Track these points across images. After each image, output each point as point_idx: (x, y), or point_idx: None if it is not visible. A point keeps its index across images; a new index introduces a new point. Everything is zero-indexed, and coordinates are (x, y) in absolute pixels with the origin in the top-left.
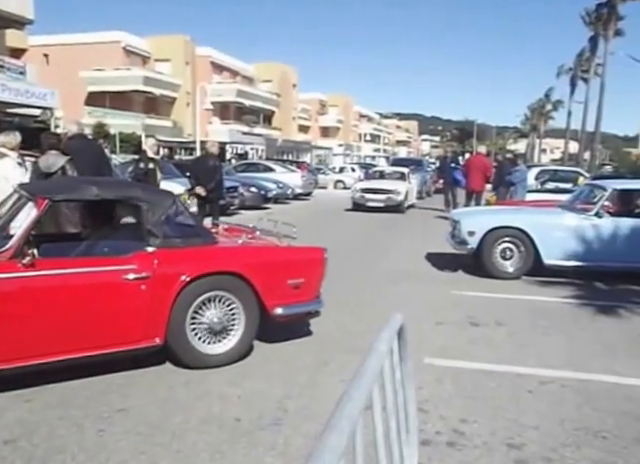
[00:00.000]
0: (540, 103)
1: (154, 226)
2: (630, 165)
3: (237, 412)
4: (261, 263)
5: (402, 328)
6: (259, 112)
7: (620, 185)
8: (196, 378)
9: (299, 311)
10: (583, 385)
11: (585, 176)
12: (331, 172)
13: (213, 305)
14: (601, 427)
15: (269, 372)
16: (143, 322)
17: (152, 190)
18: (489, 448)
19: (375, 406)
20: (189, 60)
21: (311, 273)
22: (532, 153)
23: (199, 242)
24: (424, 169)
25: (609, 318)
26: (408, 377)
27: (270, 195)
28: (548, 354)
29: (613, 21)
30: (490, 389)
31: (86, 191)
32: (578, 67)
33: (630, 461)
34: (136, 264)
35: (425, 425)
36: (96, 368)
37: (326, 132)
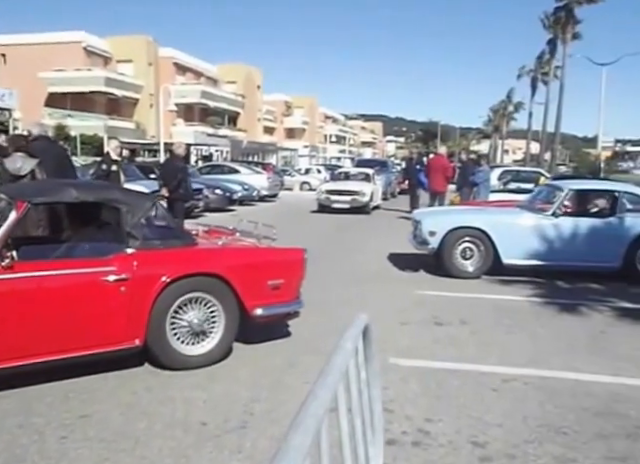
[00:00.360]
0: (502, 104)
1: (133, 228)
2: (589, 165)
3: (203, 416)
4: (241, 264)
5: (367, 328)
6: (224, 114)
7: (576, 185)
8: (160, 383)
9: (279, 312)
10: (545, 382)
11: (546, 176)
12: (297, 174)
13: (193, 306)
14: (562, 423)
15: (235, 375)
16: (123, 323)
17: (131, 192)
18: (454, 447)
19: (340, 405)
20: (152, 61)
21: (291, 274)
22: (495, 154)
23: (179, 244)
24: (389, 170)
25: (570, 316)
26: (374, 377)
27: (235, 197)
28: (511, 352)
29: (571, 24)
30: (455, 388)
31: (65, 193)
32: (538, 69)
33: (590, 456)
34: (115, 266)
35: (391, 425)
36: (56, 374)
37: (291, 133)
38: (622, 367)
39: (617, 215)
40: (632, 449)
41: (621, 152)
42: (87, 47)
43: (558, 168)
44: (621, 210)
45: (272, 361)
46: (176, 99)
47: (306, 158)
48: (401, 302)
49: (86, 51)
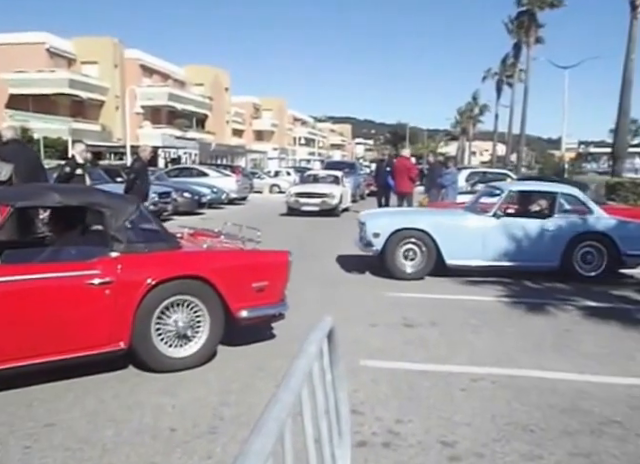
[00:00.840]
0: (469, 107)
1: (117, 231)
2: (553, 166)
3: (172, 422)
4: (225, 267)
5: (332, 331)
6: (192, 116)
7: (516, 186)
8: (128, 389)
9: (264, 314)
10: (512, 381)
11: (512, 177)
12: (266, 176)
13: (178, 309)
14: (529, 421)
15: (204, 380)
16: (107, 326)
17: (115, 196)
18: (423, 447)
19: (305, 408)
20: (117, 63)
21: (275, 276)
22: (462, 155)
23: (163, 247)
24: (357, 172)
25: (537, 315)
26: (340, 379)
27: (204, 200)
28: (480, 352)
29: (533, 28)
30: (424, 389)
31: (48, 197)
32: (503, 72)
33: (555, 452)
34: (100, 269)
35: (361, 427)
36: (19, 381)
37: (260, 136)
38: (586, 364)
39: (555, 215)
40: (596, 445)
41: (585, 153)
42: (50, 48)
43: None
44: (559, 210)
45: (241, 365)
46: (143, 101)
47: (275, 160)
48: (371, 304)
49: (49, 52)
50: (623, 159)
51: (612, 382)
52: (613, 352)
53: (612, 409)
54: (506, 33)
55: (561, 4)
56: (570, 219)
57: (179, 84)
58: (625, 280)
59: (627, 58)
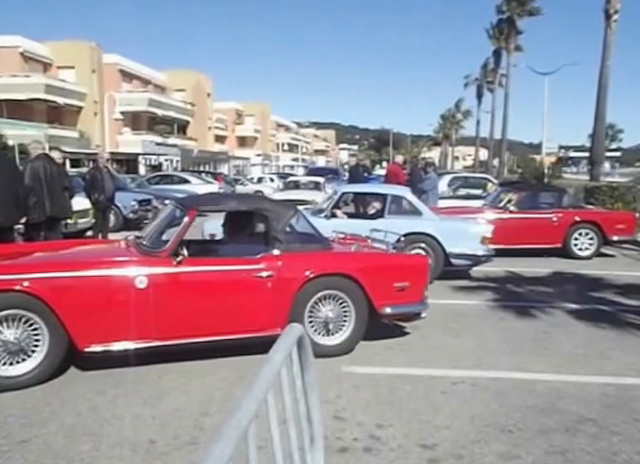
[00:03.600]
0: (451, 112)
1: (279, 233)
2: (534, 170)
3: (151, 433)
4: (370, 267)
5: (302, 338)
6: (173, 122)
7: (348, 189)
8: (106, 402)
9: (405, 311)
10: (492, 383)
11: (493, 182)
12: (249, 182)
13: (328, 302)
14: (507, 422)
15: (185, 389)
16: (268, 314)
17: (277, 203)
18: (404, 450)
19: (271, 415)
20: (95, 67)
21: (416, 277)
22: (445, 160)
23: (317, 247)
24: (340, 178)
25: (516, 318)
26: (311, 385)
27: None
28: (460, 355)
29: (513, 35)
30: (405, 393)
31: (227, 203)
32: (484, 78)
33: (532, 452)
34: (264, 264)
35: (343, 433)
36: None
37: (243, 142)
38: (563, 365)
39: (386, 216)
40: (571, 443)
41: (565, 158)
42: (25, 52)
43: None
44: (390, 212)
45: (224, 374)
46: (122, 107)
47: (259, 167)
48: None
49: (23, 56)
50: (601, 163)
51: (587, 381)
52: (589, 352)
53: (587, 408)
54: (487, 40)
55: (539, 12)
56: (400, 220)
57: (160, 89)
58: (599, 282)
59: (603, 65)
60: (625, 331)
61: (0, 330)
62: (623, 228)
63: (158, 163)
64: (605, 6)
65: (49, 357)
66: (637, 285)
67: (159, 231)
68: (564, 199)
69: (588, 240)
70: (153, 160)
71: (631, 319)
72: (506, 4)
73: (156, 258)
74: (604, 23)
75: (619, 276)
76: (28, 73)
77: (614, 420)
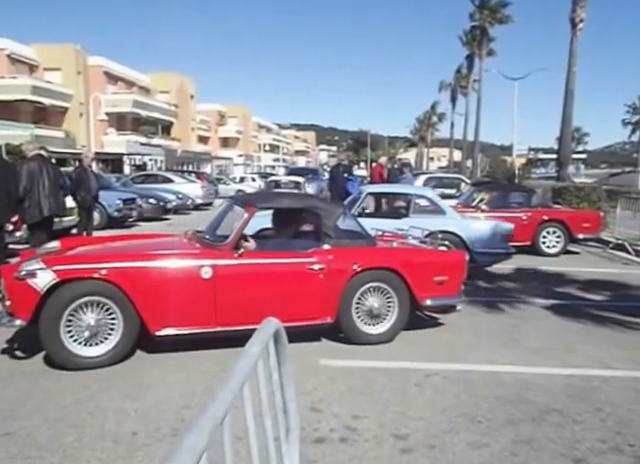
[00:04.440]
0: (427, 115)
1: (329, 229)
2: (505, 171)
3: (134, 426)
4: (412, 262)
5: (278, 331)
6: (157, 123)
7: (372, 189)
8: (89, 395)
9: (444, 303)
10: (463, 375)
11: (466, 182)
12: (232, 182)
13: (373, 294)
14: (477, 412)
15: (168, 383)
16: (320, 303)
17: (327, 201)
18: (378, 441)
19: (246, 407)
20: (81, 69)
21: (454, 272)
22: (421, 161)
23: (363, 243)
24: (320, 178)
25: (487, 313)
26: (287, 378)
27: (170, 206)
28: (434, 348)
29: (485, 42)
30: (380, 385)
31: (282, 201)
32: (458, 82)
33: (500, 441)
34: (315, 258)
35: (319, 424)
36: None
37: (226, 142)
38: (531, 357)
39: (411, 216)
40: (536, 432)
41: (534, 159)
42: (11, 54)
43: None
44: (414, 211)
45: (206, 367)
46: (107, 108)
47: (241, 167)
48: None
49: (10, 58)
50: (568, 165)
51: (553, 373)
52: (555, 345)
53: (552, 398)
54: (461, 46)
55: (510, 20)
56: (424, 219)
57: (144, 91)
58: (566, 278)
59: (569, 71)
60: (589, 325)
61: (81, 315)
62: (588, 227)
63: (142, 163)
64: (571, 15)
65: (123, 341)
66: (601, 281)
67: (219, 226)
68: (533, 199)
69: (555, 238)
70: (137, 160)
71: (595, 313)
72: (478, 12)
73: (219, 251)
74: (570, 31)
75: (584, 272)
76: (15, 75)
77: (577, 410)
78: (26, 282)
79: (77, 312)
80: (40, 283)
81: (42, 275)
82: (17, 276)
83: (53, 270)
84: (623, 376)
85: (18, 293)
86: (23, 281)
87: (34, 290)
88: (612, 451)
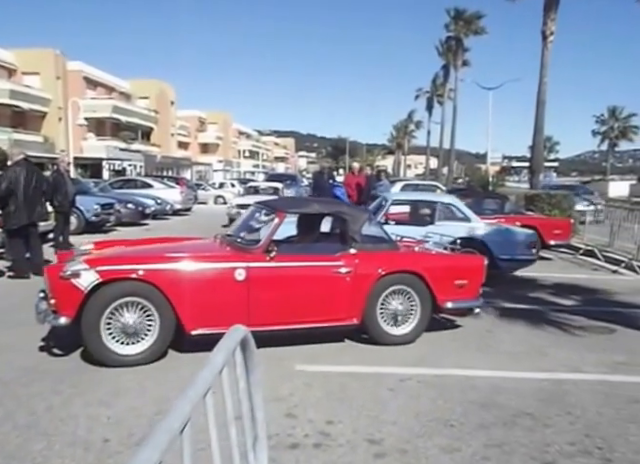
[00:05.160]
0: (404, 123)
1: (355, 234)
2: (479, 179)
3: (106, 432)
4: (434, 266)
5: (246, 338)
6: (137, 128)
7: (398, 196)
8: (62, 401)
9: (464, 306)
10: (437, 380)
11: (442, 189)
12: (211, 188)
13: (397, 297)
14: (450, 416)
15: (144, 388)
16: (347, 305)
17: (353, 207)
18: (352, 446)
19: (210, 417)
20: (60, 74)
21: (474, 276)
22: (398, 168)
23: (387, 248)
24: (298, 184)
25: (462, 318)
26: (256, 386)
27: (148, 211)
28: (407, 353)
29: (460, 52)
30: (355, 390)
31: (310, 207)
32: (434, 91)
33: (472, 444)
34: (342, 261)
35: (294, 429)
36: None
37: (206, 148)
38: (504, 362)
39: (436, 223)
40: (507, 436)
41: (508, 167)
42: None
43: (456, 181)
44: (439, 218)
45: (180, 372)
46: (87, 113)
47: (220, 173)
48: None
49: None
50: (540, 173)
51: (525, 377)
52: (527, 349)
53: (524, 402)
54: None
55: (484, 32)
56: (449, 226)
57: (124, 97)
58: (538, 283)
59: (540, 82)
60: (560, 329)
61: (121, 314)
62: (560, 233)
63: (122, 168)
64: (542, 28)
65: (159, 341)
66: (571, 286)
67: (247, 230)
68: (506, 206)
69: None
70: (117, 165)
71: (566, 317)
72: (453, 23)
73: (251, 254)
74: (541, 44)
75: (556, 278)
76: None
77: (548, 413)
78: (71, 282)
79: (117, 311)
80: (84, 283)
81: (86, 275)
82: (62, 276)
83: (96, 270)
84: (592, 379)
85: (63, 292)
86: (68, 281)
87: (78, 289)
88: (581, 454)
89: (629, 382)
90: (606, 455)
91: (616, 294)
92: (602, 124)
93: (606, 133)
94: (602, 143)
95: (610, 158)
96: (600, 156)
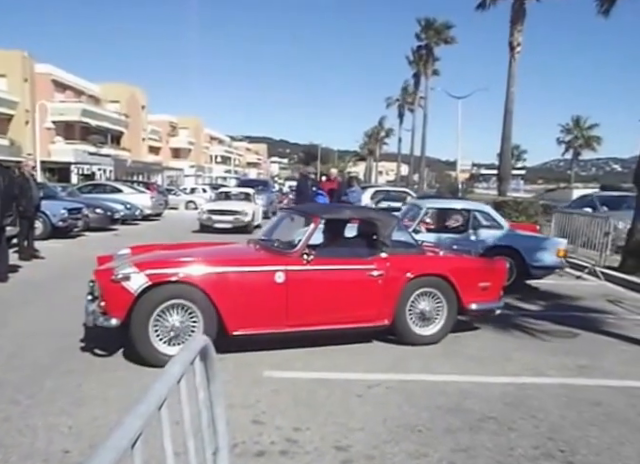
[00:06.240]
0: (375, 130)
1: (386, 238)
2: (450, 186)
3: (66, 443)
4: (460, 269)
5: (206, 348)
6: (107, 132)
7: (433, 204)
8: (20, 412)
9: (487, 308)
10: (405, 385)
11: (412, 196)
12: (182, 193)
13: (424, 298)
14: (417, 422)
15: (106, 398)
16: (379, 307)
17: (383, 213)
18: (319, 453)
19: (165, 430)
20: (27, 77)
21: (496, 278)
22: (370, 175)
23: (415, 251)
24: (270, 190)
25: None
26: (217, 396)
27: (117, 216)
28: (377, 359)
29: (431, 61)
30: (323, 396)
31: (344, 212)
32: (404, 99)
33: (439, 450)
34: (375, 265)
35: (260, 437)
36: None
37: (177, 153)
38: (470, 367)
39: (470, 230)
40: (473, 440)
41: (477, 174)
42: None
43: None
44: (473, 226)
45: (144, 381)
46: (55, 117)
47: (192, 178)
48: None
49: None
50: (507, 180)
51: (491, 381)
52: (493, 354)
53: (489, 406)
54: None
55: (454, 41)
56: (483, 233)
57: (94, 100)
58: None
59: (508, 91)
60: (526, 334)
61: (167, 316)
62: None
63: (91, 172)
64: (509, 39)
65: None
66: (537, 291)
67: (280, 234)
68: None
69: None
70: (86, 169)
71: (531, 322)
72: (424, 32)
73: (289, 257)
74: (509, 54)
75: (522, 283)
76: None
77: (513, 417)
78: (121, 284)
79: (164, 313)
80: (134, 285)
81: (135, 278)
82: (113, 279)
83: (146, 274)
84: (555, 383)
85: (114, 294)
86: (118, 284)
87: (128, 292)
88: (544, 457)
89: (591, 385)
90: (568, 458)
91: (579, 299)
92: (567, 133)
93: (571, 142)
94: (567, 152)
95: (574, 166)
96: (565, 164)
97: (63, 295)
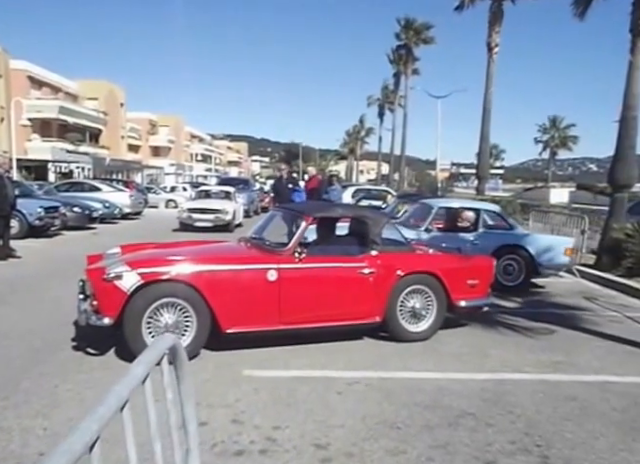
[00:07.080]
0: (356, 129)
1: (376, 236)
2: (429, 184)
3: (41, 446)
4: (449, 266)
5: (175, 347)
6: (85, 130)
7: (444, 204)
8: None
9: (475, 305)
10: (384, 383)
11: (392, 194)
12: (162, 191)
13: (414, 296)
14: (396, 419)
15: (81, 398)
16: (370, 305)
17: (373, 211)
18: (298, 451)
19: (127, 433)
20: (2, 73)
21: (484, 276)
22: (351, 174)
23: (405, 249)
24: (251, 188)
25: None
26: (187, 396)
27: (96, 215)
28: (356, 357)
29: (411, 61)
30: (303, 394)
31: (335, 211)
32: (385, 99)
33: (417, 446)
34: (366, 263)
35: (240, 436)
36: None
37: (157, 152)
38: (449, 363)
39: (480, 230)
40: (452, 436)
41: (456, 173)
42: None
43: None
44: (483, 225)
45: None
46: (31, 114)
47: (172, 176)
48: None
49: None
50: (486, 179)
51: (469, 378)
52: (471, 351)
53: (468, 402)
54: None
55: (433, 41)
56: (492, 233)
57: (71, 97)
58: None
59: (486, 91)
60: (504, 331)
61: (160, 314)
62: None
63: (69, 170)
64: (487, 40)
65: (195, 340)
66: (515, 288)
67: (271, 233)
68: None
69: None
70: (64, 167)
71: (508, 320)
72: (404, 32)
73: (281, 256)
74: (487, 55)
75: (499, 281)
76: None
77: (490, 413)
78: (114, 283)
79: (157, 312)
80: (126, 284)
81: (128, 277)
82: (105, 278)
83: (138, 273)
84: (532, 379)
85: (106, 293)
86: (111, 282)
87: (121, 291)
88: (521, 452)
89: (566, 381)
90: (544, 452)
91: (556, 296)
92: (544, 133)
93: (547, 142)
94: (544, 151)
95: (551, 166)
96: (542, 164)
97: (39, 295)
